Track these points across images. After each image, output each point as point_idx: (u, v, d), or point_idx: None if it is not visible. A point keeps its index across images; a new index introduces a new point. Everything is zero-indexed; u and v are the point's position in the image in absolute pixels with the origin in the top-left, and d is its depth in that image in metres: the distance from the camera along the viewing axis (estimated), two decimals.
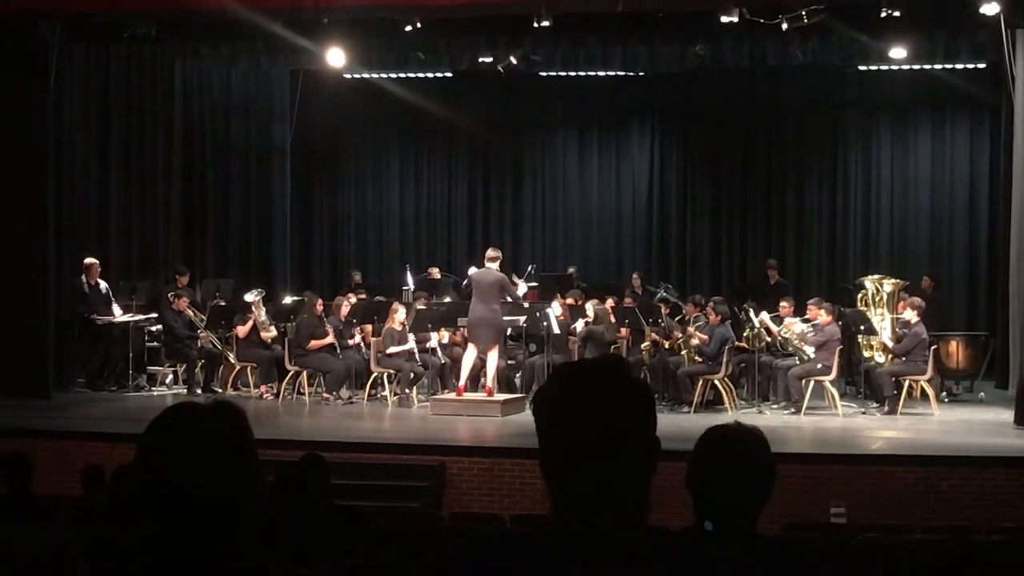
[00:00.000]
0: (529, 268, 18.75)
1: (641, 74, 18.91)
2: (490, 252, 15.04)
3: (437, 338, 15.91)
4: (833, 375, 14.75)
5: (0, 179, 15.80)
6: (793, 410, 14.54)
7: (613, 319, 15.85)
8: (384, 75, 20.05)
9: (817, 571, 3.34)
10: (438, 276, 18.99)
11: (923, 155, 20.49)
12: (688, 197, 21.51)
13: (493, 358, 14.69)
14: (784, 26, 14.38)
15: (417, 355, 15.59)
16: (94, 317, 16.31)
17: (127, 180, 18.27)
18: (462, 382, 14.73)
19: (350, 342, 16.06)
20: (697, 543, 2.94)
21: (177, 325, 16.29)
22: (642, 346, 15.74)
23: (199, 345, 16.47)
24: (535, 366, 15.57)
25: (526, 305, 16.18)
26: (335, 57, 16.17)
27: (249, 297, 16.38)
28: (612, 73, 19.18)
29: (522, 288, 16.31)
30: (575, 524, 2.14)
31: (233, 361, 16.38)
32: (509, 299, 14.91)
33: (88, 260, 16.52)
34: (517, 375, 15.99)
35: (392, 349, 15.42)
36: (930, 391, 14.83)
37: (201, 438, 2.26)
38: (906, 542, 8.13)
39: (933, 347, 14.98)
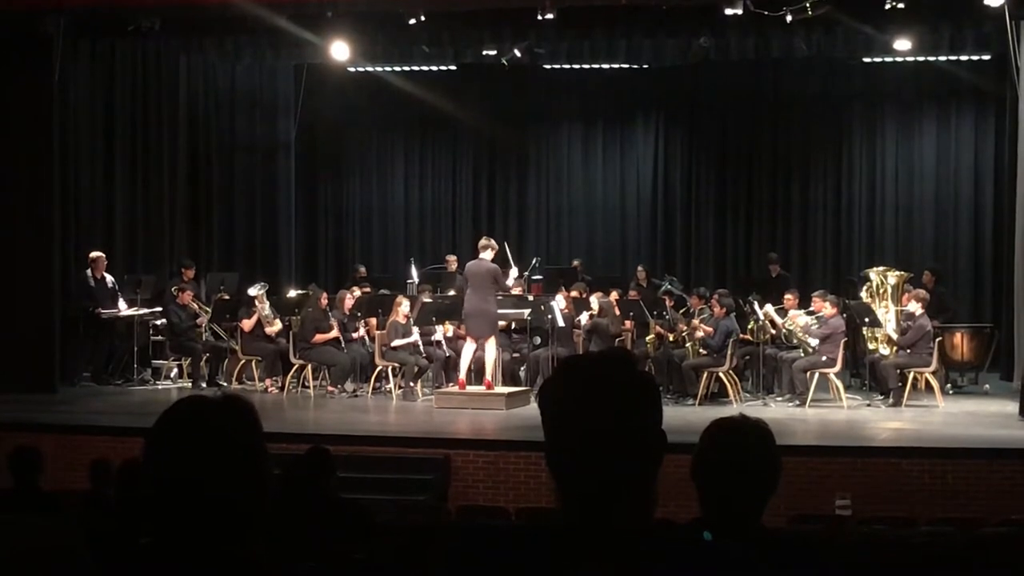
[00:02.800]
0: (534, 261, 18.72)
1: (645, 67, 18.93)
2: (482, 241, 14.98)
3: (442, 331, 15.91)
4: (838, 367, 14.75)
5: (5, 174, 15.82)
6: (798, 402, 14.54)
7: (618, 312, 15.84)
8: (388, 68, 20.06)
9: (822, 564, 3.35)
10: (455, 267, 18.82)
11: (928, 147, 20.46)
12: (692, 190, 21.48)
13: (490, 350, 14.66)
14: (788, 18, 14.36)
15: (422, 348, 15.60)
16: (99, 311, 16.31)
17: (132, 174, 18.29)
18: (462, 375, 14.73)
19: (355, 335, 16.07)
20: (702, 539, 2.95)
21: (180, 320, 16.29)
22: (647, 339, 15.74)
23: (202, 337, 16.49)
24: (540, 359, 15.56)
25: (530, 298, 16.17)
26: (339, 51, 16.17)
27: (253, 291, 16.37)
28: (616, 66, 19.22)
29: (513, 274, 15.98)
30: (581, 518, 2.14)
31: (238, 352, 16.40)
32: (500, 291, 14.84)
33: (94, 254, 16.51)
34: (522, 368, 15.99)
35: (396, 342, 15.42)
36: (935, 383, 14.83)
37: (210, 432, 2.26)
38: (911, 534, 8.13)
39: (938, 339, 14.97)
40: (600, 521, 2.12)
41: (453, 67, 19.30)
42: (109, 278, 16.62)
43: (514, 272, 15.53)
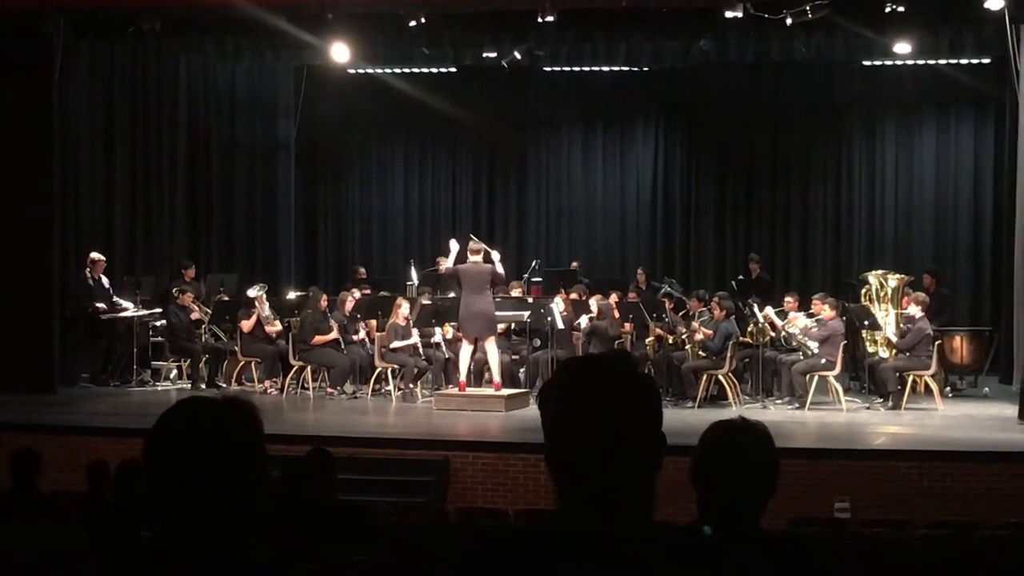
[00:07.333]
0: (533, 263, 18.72)
1: (646, 69, 18.93)
2: (473, 245, 14.97)
3: (441, 333, 15.90)
4: (837, 370, 14.74)
5: (6, 175, 15.82)
6: (797, 405, 14.53)
7: (617, 314, 15.84)
8: (388, 70, 20.09)
9: (821, 567, 3.35)
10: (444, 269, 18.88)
11: (928, 150, 20.48)
12: (692, 192, 21.50)
13: (493, 351, 14.67)
14: (788, 21, 14.37)
15: (421, 350, 15.61)
16: (99, 312, 16.27)
17: (132, 176, 18.29)
18: (462, 377, 14.73)
19: (354, 337, 16.07)
20: (702, 539, 2.95)
21: (180, 321, 16.28)
22: (646, 341, 15.74)
23: (202, 338, 16.49)
24: (539, 361, 15.57)
25: (530, 300, 16.16)
26: (339, 52, 16.17)
27: (252, 292, 16.36)
28: (616, 68, 19.24)
29: (495, 255, 15.56)
30: (580, 520, 2.14)
31: (237, 354, 16.39)
32: (499, 292, 14.78)
33: (94, 255, 16.48)
34: (521, 370, 15.99)
35: (396, 344, 15.43)
36: (934, 386, 14.83)
37: (210, 433, 2.26)
38: (910, 537, 8.13)
39: (937, 342, 14.96)
40: (600, 523, 2.12)
41: (453, 69, 19.31)
42: (104, 280, 16.59)
43: (496, 254, 15.14)
